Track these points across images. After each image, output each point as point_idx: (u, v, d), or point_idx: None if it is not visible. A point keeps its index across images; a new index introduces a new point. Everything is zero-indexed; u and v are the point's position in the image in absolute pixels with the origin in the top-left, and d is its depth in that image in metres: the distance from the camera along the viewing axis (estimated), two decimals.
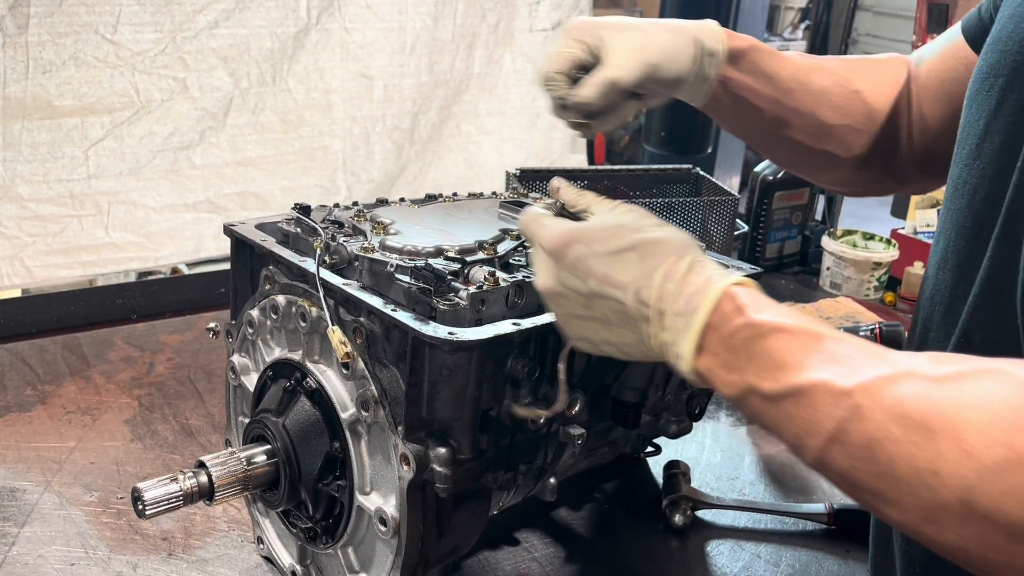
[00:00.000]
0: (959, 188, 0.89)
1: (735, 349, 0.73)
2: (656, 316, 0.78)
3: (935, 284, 0.93)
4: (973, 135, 0.88)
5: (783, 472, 1.54)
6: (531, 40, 2.91)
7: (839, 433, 0.65)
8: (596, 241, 0.82)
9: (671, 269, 0.78)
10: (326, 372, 1.04)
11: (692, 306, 0.75)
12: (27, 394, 1.66)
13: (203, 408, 1.64)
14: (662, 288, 0.78)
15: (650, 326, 0.78)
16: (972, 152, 0.87)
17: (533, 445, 1.11)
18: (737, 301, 0.74)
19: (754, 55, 1.10)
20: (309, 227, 1.14)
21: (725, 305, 0.74)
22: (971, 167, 0.87)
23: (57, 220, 2.23)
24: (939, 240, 0.93)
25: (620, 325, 0.81)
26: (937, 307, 0.91)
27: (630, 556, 1.31)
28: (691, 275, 0.77)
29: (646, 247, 0.80)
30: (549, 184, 0.99)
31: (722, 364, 0.74)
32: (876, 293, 2.32)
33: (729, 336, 0.73)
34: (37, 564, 1.22)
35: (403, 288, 0.99)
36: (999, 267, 0.80)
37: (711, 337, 0.74)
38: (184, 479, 1.00)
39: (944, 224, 0.92)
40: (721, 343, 0.74)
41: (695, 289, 0.76)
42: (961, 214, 0.88)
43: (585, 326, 0.85)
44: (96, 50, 2.16)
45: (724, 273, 0.77)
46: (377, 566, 1.04)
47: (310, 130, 2.56)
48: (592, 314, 0.83)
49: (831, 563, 1.32)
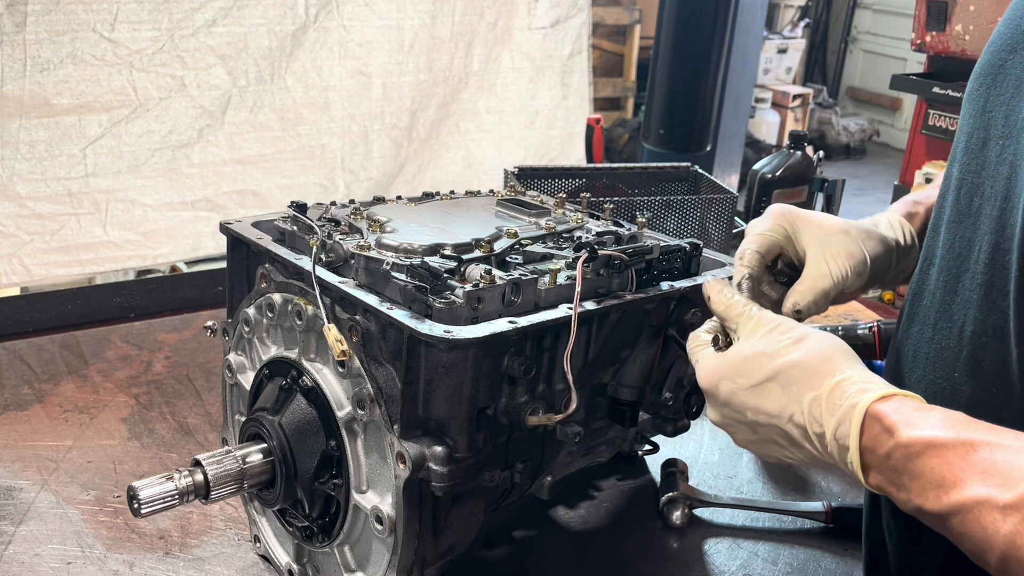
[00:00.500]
0: (948, 183, 0.90)
1: (894, 469, 0.74)
2: (816, 438, 0.80)
3: (942, 306, 0.91)
4: (963, 132, 0.89)
5: (781, 470, 1.54)
6: (530, 38, 2.91)
7: (1010, 548, 0.65)
8: (739, 375, 0.87)
9: (815, 394, 0.81)
10: (322, 370, 1.04)
11: (844, 431, 0.77)
12: (24, 392, 1.65)
13: (201, 407, 1.64)
14: (811, 413, 0.81)
15: (816, 446, 0.81)
16: (962, 149, 0.89)
17: (530, 443, 1.11)
18: (884, 422, 0.75)
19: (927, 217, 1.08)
20: (305, 225, 1.14)
21: (872, 428, 0.76)
22: (960, 163, 0.88)
23: (55, 218, 2.23)
24: (942, 253, 0.92)
25: (791, 445, 0.84)
26: (924, 302, 0.91)
27: (628, 554, 1.31)
28: (834, 396, 0.79)
29: (785, 374, 0.83)
30: (703, 289, 0.98)
31: (889, 482, 0.75)
32: (874, 292, 2.32)
33: (885, 458, 0.74)
34: (33, 563, 1.21)
35: (399, 286, 0.99)
36: (989, 260, 0.80)
37: (870, 459, 0.76)
38: (180, 478, 1.00)
39: (948, 234, 0.91)
40: (881, 464, 0.75)
41: (842, 413, 0.78)
42: (951, 209, 0.89)
43: (763, 447, 0.89)
44: (94, 48, 2.16)
45: (867, 386, 0.78)
46: (373, 564, 1.04)
47: (308, 128, 2.56)
48: (763, 438, 0.87)
49: (829, 561, 1.31)
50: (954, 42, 3.32)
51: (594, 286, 1.07)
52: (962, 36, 3.29)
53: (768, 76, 7.36)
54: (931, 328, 0.89)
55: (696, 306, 1.17)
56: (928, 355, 0.89)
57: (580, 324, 1.04)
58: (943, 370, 0.86)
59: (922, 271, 0.94)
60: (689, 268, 1.18)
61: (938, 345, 0.87)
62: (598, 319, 1.10)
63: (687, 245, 1.17)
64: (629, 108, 6.45)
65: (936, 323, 0.88)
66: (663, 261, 1.14)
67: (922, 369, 0.89)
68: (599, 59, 6.11)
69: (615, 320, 1.11)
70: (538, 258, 1.13)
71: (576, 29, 3.06)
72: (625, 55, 6.41)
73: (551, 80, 3.03)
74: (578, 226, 1.25)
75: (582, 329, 1.09)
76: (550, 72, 3.02)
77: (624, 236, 1.22)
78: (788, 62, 7.54)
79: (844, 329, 1.75)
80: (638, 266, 1.10)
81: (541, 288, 1.03)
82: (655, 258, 1.12)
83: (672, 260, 1.15)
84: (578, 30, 3.07)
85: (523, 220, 1.24)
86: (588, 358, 1.12)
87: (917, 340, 0.91)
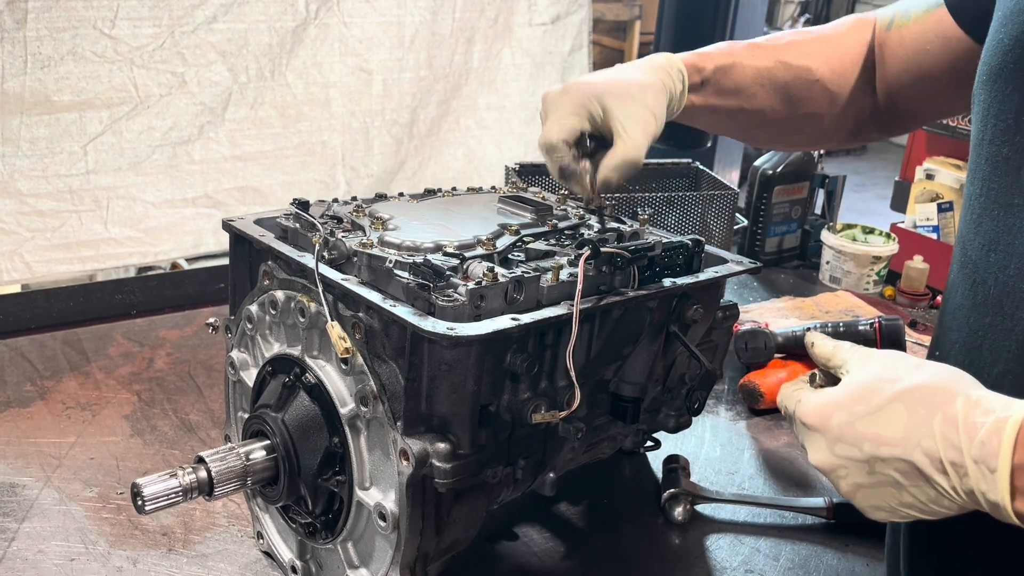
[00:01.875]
0: (1000, 166, 0.85)
1: None
2: (951, 467, 0.71)
3: (984, 269, 0.88)
4: (1008, 109, 0.84)
5: (783, 466, 1.54)
6: (530, 34, 2.90)
7: None
8: (856, 403, 0.78)
9: (948, 413, 0.72)
10: (325, 367, 1.04)
11: (990, 450, 0.68)
12: (27, 390, 1.66)
13: (203, 403, 1.65)
14: (944, 435, 0.71)
15: (948, 479, 0.71)
16: (1011, 127, 0.84)
17: (532, 440, 1.11)
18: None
19: (715, 78, 1.18)
20: (308, 222, 1.14)
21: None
22: (1012, 143, 0.84)
23: (56, 215, 2.22)
24: (980, 223, 0.89)
25: (912, 484, 0.74)
26: (991, 292, 0.87)
27: (630, 550, 1.31)
28: (973, 415, 0.71)
29: (910, 395, 0.75)
30: (805, 340, 0.93)
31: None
32: (876, 287, 2.32)
33: None
34: (37, 559, 1.22)
35: (402, 284, 0.99)
36: None
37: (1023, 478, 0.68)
38: (183, 475, 1.00)
39: (987, 205, 0.88)
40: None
41: (988, 431, 0.69)
42: (1009, 192, 0.84)
43: (876, 494, 0.78)
44: (94, 45, 2.15)
45: (1009, 403, 0.71)
46: (376, 561, 1.04)
47: (309, 125, 2.56)
48: (878, 480, 0.76)
49: (830, 557, 1.32)
50: None
51: (596, 283, 1.07)
52: None
53: None
54: (1010, 320, 0.83)
55: (698, 302, 1.17)
56: (1009, 349, 0.84)
57: (582, 321, 1.04)
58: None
59: (983, 258, 0.88)
60: (691, 264, 1.18)
61: (1020, 337, 0.82)
62: (600, 316, 1.11)
63: (689, 241, 1.17)
64: None
65: (1014, 314, 0.83)
66: (665, 258, 1.14)
67: (1004, 363, 0.84)
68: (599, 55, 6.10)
69: (617, 317, 1.12)
70: (540, 255, 1.14)
71: (576, 25, 3.05)
72: (625, 51, 6.40)
73: (552, 76, 3.02)
74: (580, 223, 1.26)
75: (584, 326, 1.09)
76: (551, 68, 3.01)
77: (626, 233, 1.22)
78: None
79: (845, 326, 1.75)
80: (640, 263, 1.10)
81: (544, 285, 1.04)
82: (657, 255, 1.12)
83: (674, 256, 1.15)
84: (578, 26, 3.06)
85: (525, 217, 1.24)
86: (590, 355, 1.12)
87: (993, 333, 0.86)
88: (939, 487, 0.72)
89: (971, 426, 0.70)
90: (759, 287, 2.33)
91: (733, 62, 1.19)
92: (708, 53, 1.20)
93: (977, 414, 0.71)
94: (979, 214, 0.89)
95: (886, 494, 0.77)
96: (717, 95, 1.19)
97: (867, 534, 1.35)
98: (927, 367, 0.78)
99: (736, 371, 1.81)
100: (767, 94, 1.20)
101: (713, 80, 1.19)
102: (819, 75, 1.20)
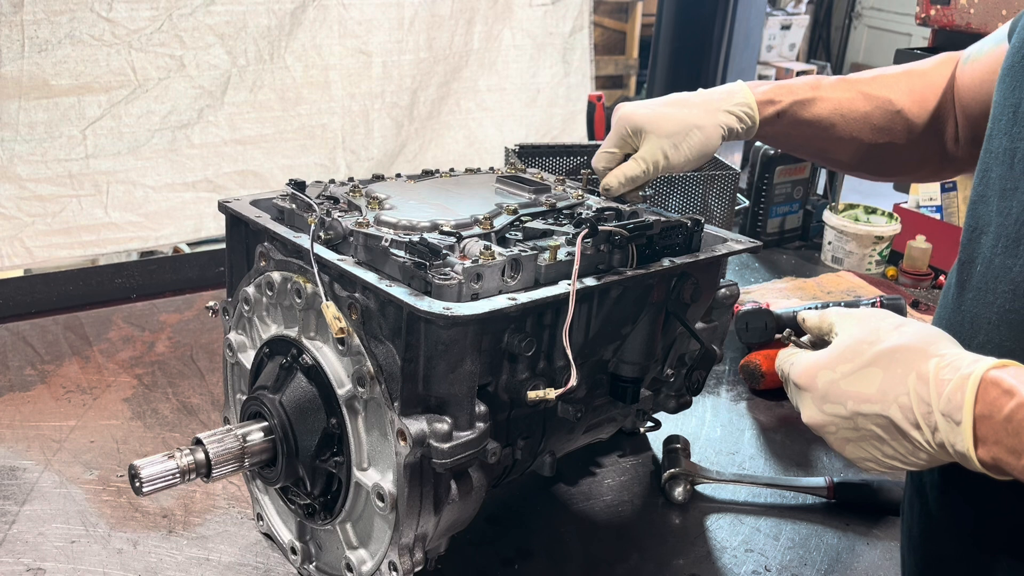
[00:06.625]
0: (999, 156, 0.88)
1: (1017, 432, 0.72)
2: (923, 421, 0.77)
3: (974, 251, 0.90)
4: (1010, 104, 0.87)
5: (783, 446, 1.54)
6: (531, 15, 2.89)
7: None
8: (840, 363, 0.84)
9: (921, 371, 0.78)
10: (322, 348, 1.04)
11: (955, 404, 0.74)
12: (28, 373, 1.66)
13: (204, 386, 1.65)
14: (917, 392, 0.77)
15: (921, 432, 0.77)
16: (1010, 120, 0.87)
17: (531, 420, 1.11)
18: (1003, 385, 0.73)
19: (792, 110, 1.22)
20: (304, 203, 1.13)
21: (990, 392, 0.73)
22: (1010, 134, 0.86)
23: (56, 200, 2.23)
24: (976, 209, 0.91)
25: (892, 438, 0.81)
26: (977, 269, 0.89)
27: (630, 531, 1.31)
28: (942, 373, 0.76)
29: (888, 356, 0.81)
30: (798, 317, 0.99)
31: (1008, 451, 0.72)
32: (878, 267, 2.31)
33: (1006, 421, 0.72)
34: (37, 542, 1.22)
35: (398, 263, 0.99)
36: None
37: (985, 427, 0.73)
38: (181, 456, 1.00)
39: (984, 192, 0.90)
40: (999, 430, 0.72)
41: (954, 386, 0.75)
42: (1003, 179, 0.86)
43: (861, 447, 0.84)
44: (92, 28, 2.15)
45: (975, 360, 0.76)
46: (375, 541, 1.04)
47: (309, 108, 2.55)
48: (862, 435, 0.83)
49: (831, 536, 1.32)
50: (959, 15, 3.29)
51: (594, 262, 1.07)
52: (967, 9, 3.26)
53: (771, 53, 7.30)
54: (991, 294, 0.87)
55: (697, 282, 1.17)
56: (990, 320, 0.87)
57: (580, 300, 1.03)
58: (1010, 332, 0.85)
59: (971, 241, 0.92)
60: (690, 244, 1.17)
61: (1000, 308, 0.86)
62: (598, 295, 1.10)
63: (688, 221, 1.16)
64: (632, 86, 6.40)
65: (995, 288, 0.86)
66: (664, 237, 1.13)
67: (984, 334, 0.88)
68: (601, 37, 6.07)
69: (616, 296, 1.11)
70: (538, 234, 1.13)
71: (577, 6, 3.04)
72: (627, 33, 6.36)
73: (552, 58, 3.01)
74: (579, 202, 1.25)
75: (582, 305, 1.08)
76: (551, 49, 3.00)
77: (625, 212, 1.21)
78: (792, 39, 7.47)
79: (847, 305, 1.75)
80: (639, 242, 1.09)
81: (541, 264, 1.03)
82: (656, 234, 1.11)
83: (673, 236, 1.15)
84: (579, 7, 3.04)
85: (523, 196, 1.24)
86: (589, 334, 1.11)
87: (974, 307, 0.90)
88: (915, 440, 0.78)
89: (940, 383, 0.76)
90: (761, 268, 2.32)
91: (815, 96, 1.22)
92: (790, 86, 1.24)
93: (946, 372, 0.76)
94: (975, 201, 0.92)
95: (871, 447, 0.83)
96: (792, 126, 1.23)
97: (867, 513, 1.35)
98: (908, 327, 0.83)
99: (737, 351, 1.81)
100: (846, 124, 1.22)
101: (789, 112, 1.22)
102: (900, 106, 1.21)
